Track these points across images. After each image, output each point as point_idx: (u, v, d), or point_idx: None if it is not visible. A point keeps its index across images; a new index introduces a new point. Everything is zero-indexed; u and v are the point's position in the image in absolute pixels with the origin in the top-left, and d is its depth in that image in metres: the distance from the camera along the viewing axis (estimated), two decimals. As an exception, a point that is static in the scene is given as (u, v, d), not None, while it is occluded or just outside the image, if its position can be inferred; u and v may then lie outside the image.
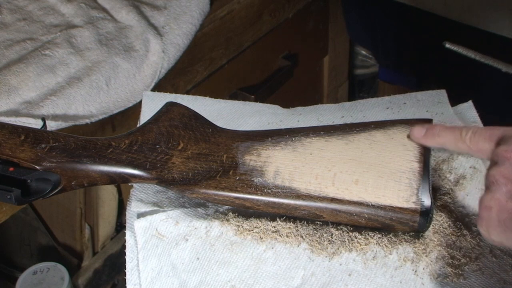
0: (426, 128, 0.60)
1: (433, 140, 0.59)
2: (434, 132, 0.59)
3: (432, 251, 0.59)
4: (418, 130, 0.60)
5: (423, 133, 0.60)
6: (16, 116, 0.81)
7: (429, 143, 0.60)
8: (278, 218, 0.61)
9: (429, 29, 1.24)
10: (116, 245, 1.13)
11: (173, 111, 0.63)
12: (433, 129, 0.59)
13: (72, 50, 0.91)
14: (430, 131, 0.59)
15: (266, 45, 1.22)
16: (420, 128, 0.60)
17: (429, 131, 0.59)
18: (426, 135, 0.59)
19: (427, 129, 0.59)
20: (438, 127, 0.59)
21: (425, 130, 0.59)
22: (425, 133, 0.59)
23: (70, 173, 0.58)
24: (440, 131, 0.58)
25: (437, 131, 0.59)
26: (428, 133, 0.59)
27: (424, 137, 0.59)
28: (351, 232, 0.60)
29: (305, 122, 0.75)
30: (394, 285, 0.57)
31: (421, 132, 0.60)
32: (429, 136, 0.59)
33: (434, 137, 0.59)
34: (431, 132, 0.59)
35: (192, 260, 0.59)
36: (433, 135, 0.59)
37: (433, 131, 0.59)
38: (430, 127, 0.60)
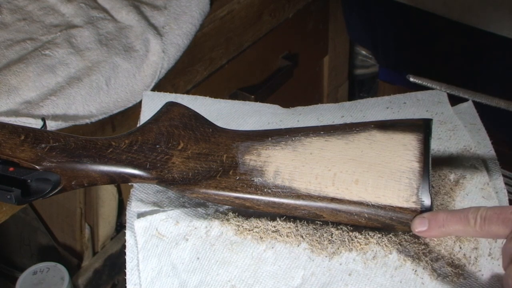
0: (428, 219, 0.55)
1: (439, 232, 0.55)
2: (439, 223, 0.55)
3: (432, 251, 0.59)
4: (419, 223, 0.56)
5: (426, 225, 0.56)
6: (16, 116, 0.81)
7: (435, 235, 0.56)
8: (278, 218, 0.61)
9: (429, 29, 1.24)
10: (116, 245, 1.13)
11: (173, 111, 0.63)
12: (437, 220, 0.55)
13: (72, 50, 0.91)
14: (434, 223, 0.55)
15: (266, 45, 1.22)
16: (420, 221, 0.56)
17: (432, 223, 0.55)
18: (430, 227, 0.55)
19: (430, 220, 0.55)
20: (441, 215, 0.55)
21: (427, 222, 0.55)
22: (428, 225, 0.55)
23: (70, 173, 0.58)
24: (445, 221, 0.55)
25: (441, 222, 0.55)
26: (432, 225, 0.55)
27: (429, 230, 0.55)
28: (351, 232, 0.60)
29: (305, 122, 0.75)
30: (394, 285, 0.57)
31: (424, 225, 0.56)
32: (433, 228, 0.55)
33: (440, 228, 0.55)
34: (436, 224, 0.55)
35: (192, 260, 0.59)
36: (438, 226, 0.55)
37: (437, 222, 0.55)
38: (432, 217, 0.55)
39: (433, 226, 0.55)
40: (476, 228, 0.53)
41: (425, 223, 0.56)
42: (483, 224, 0.53)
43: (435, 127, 0.71)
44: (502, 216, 0.52)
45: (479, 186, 0.65)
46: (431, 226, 0.55)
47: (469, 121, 0.73)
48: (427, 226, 0.56)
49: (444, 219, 0.55)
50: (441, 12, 1.16)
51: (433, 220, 0.55)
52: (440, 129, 0.72)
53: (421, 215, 0.56)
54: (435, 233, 0.56)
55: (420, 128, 0.61)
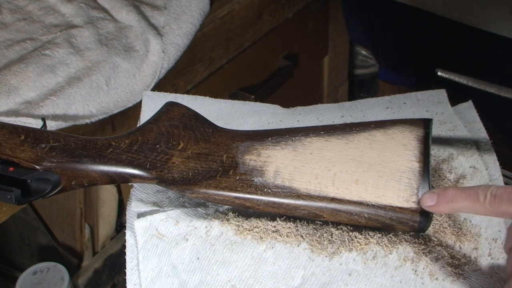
0: (437, 194, 0.56)
1: (447, 207, 0.55)
2: (448, 199, 0.55)
3: (432, 251, 0.59)
4: (429, 198, 0.56)
5: (434, 200, 0.56)
6: (16, 116, 0.81)
7: (443, 210, 0.56)
8: (278, 217, 0.61)
9: (429, 29, 1.24)
10: (116, 245, 1.13)
11: (173, 111, 0.63)
12: (446, 195, 0.55)
13: (72, 50, 0.91)
14: (443, 198, 0.55)
15: (266, 45, 1.22)
16: (430, 196, 0.56)
17: (441, 198, 0.55)
18: (438, 202, 0.55)
19: (439, 195, 0.55)
20: (450, 192, 0.55)
21: (436, 197, 0.55)
22: (437, 200, 0.55)
23: (70, 173, 0.58)
24: (454, 196, 0.54)
25: (450, 197, 0.54)
26: (441, 199, 0.55)
27: (437, 204, 0.55)
28: (351, 232, 0.60)
29: (305, 122, 0.75)
30: (394, 284, 0.57)
31: (432, 200, 0.56)
32: (441, 203, 0.55)
33: (448, 203, 0.55)
34: (444, 199, 0.55)
35: (192, 260, 0.59)
36: (447, 201, 0.55)
37: (446, 197, 0.55)
38: (441, 192, 0.55)
39: (442, 201, 0.55)
40: (486, 205, 0.52)
41: (433, 198, 0.56)
42: (493, 202, 0.52)
43: (435, 127, 0.71)
44: None
45: (479, 186, 0.65)
46: (439, 201, 0.55)
47: (469, 121, 0.73)
48: (435, 201, 0.55)
49: (453, 195, 0.55)
50: (441, 12, 1.16)
51: (442, 195, 0.55)
52: (440, 129, 0.72)
53: (430, 191, 0.56)
54: (443, 209, 0.56)
55: (420, 128, 0.61)
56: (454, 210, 0.55)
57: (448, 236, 0.60)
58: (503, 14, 1.07)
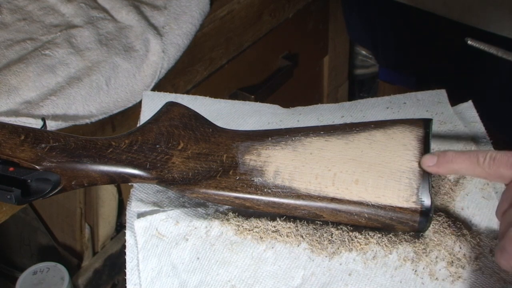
0: (437, 155, 0.57)
1: (446, 168, 0.56)
2: (447, 159, 0.56)
3: (432, 251, 0.59)
4: (429, 159, 0.57)
5: (434, 161, 0.57)
6: (16, 116, 0.81)
7: (441, 171, 0.57)
8: (278, 217, 0.61)
9: (429, 29, 1.24)
10: (116, 245, 1.13)
11: (173, 111, 0.63)
12: (446, 156, 0.56)
13: (72, 50, 0.91)
14: (443, 159, 0.56)
15: (266, 45, 1.22)
16: (430, 157, 0.57)
17: (441, 158, 0.56)
18: (438, 163, 0.57)
19: (439, 156, 0.57)
20: (450, 153, 0.56)
21: (436, 158, 0.57)
22: (437, 160, 0.57)
23: (70, 173, 0.58)
24: (454, 157, 0.56)
25: (450, 158, 0.56)
26: (441, 160, 0.56)
27: (437, 165, 0.57)
28: (351, 232, 0.60)
29: (305, 122, 0.75)
30: (394, 284, 0.57)
31: (433, 160, 0.57)
32: (441, 163, 0.56)
33: (448, 164, 0.56)
34: (444, 160, 0.56)
35: (192, 260, 0.59)
36: (446, 162, 0.56)
37: (446, 158, 0.56)
38: (442, 154, 0.57)
39: (441, 162, 0.56)
40: (484, 167, 0.54)
41: (434, 159, 0.57)
42: (492, 164, 0.53)
43: (435, 127, 0.71)
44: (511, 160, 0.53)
45: (479, 186, 0.65)
46: (439, 162, 0.57)
47: (469, 121, 0.73)
48: (435, 162, 0.57)
49: (453, 156, 0.56)
50: (441, 12, 1.16)
51: (442, 157, 0.56)
52: (440, 129, 0.72)
53: (431, 153, 0.58)
54: (442, 170, 0.57)
55: (420, 128, 0.61)
56: (453, 171, 0.56)
57: (448, 236, 0.60)
58: (503, 14, 1.07)
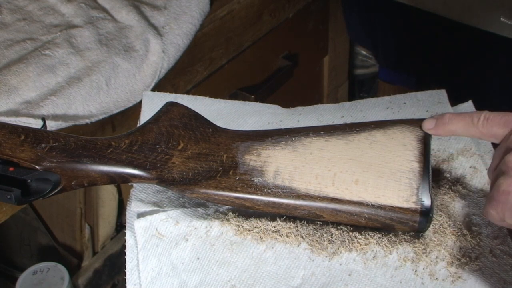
0: (436, 119, 0.60)
1: (443, 129, 0.59)
2: (444, 121, 0.59)
3: (432, 251, 0.59)
4: (429, 122, 0.61)
5: (433, 123, 0.60)
6: (16, 116, 0.81)
7: (440, 132, 0.60)
8: (278, 218, 0.61)
9: (429, 29, 1.24)
10: (116, 245, 1.13)
11: (173, 111, 0.63)
12: (443, 118, 0.59)
13: (72, 50, 0.91)
14: (440, 121, 0.59)
15: (266, 45, 1.22)
16: (430, 120, 0.61)
17: (439, 121, 0.60)
18: (436, 125, 0.60)
19: (437, 119, 0.60)
20: (447, 115, 0.59)
21: (435, 121, 0.60)
22: (435, 123, 0.60)
23: (70, 173, 0.58)
24: (450, 119, 0.59)
25: (446, 119, 0.59)
26: (439, 122, 0.60)
27: (435, 127, 0.60)
28: (351, 232, 0.60)
29: (305, 122, 0.75)
30: (394, 285, 0.57)
31: (432, 123, 0.60)
32: (439, 125, 0.60)
33: (445, 125, 0.59)
34: (441, 121, 0.59)
35: (192, 260, 0.59)
36: (443, 123, 0.59)
37: (443, 120, 0.59)
38: (440, 116, 0.60)
39: (439, 124, 0.59)
40: (478, 126, 0.56)
41: (432, 122, 0.60)
42: (485, 123, 0.56)
43: (435, 127, 0.71)
44: (504, 119, 0.56)
45: (479, 186, 0.65)
46: (437, 124, 0.60)
47: (469, 121, 0.73)
48: (434, 124, 0.60)
49: (449, 118, 0.59)
50: (441, 12, 1.16)
51: (440, 119, 0.60)
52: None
53: (431, 116, 0.61)
54: (441, 131, 0.60)
55: (420, 128, 0.61)
56: (450, 132, 0.59)
57: (448, 236, 0.60)
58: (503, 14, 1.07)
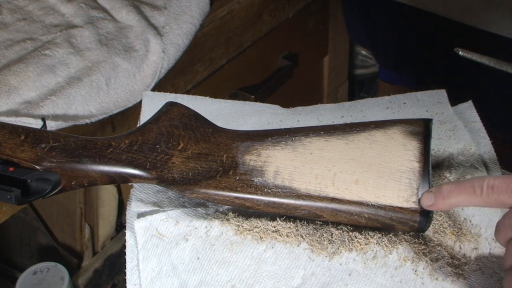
0: (434, 193, 0.56)
1: (444, 203, 0.55)
2: (443, 195, 0.55)
3: (432, 251, 0.59)
4: (426, 198, 0.57)
5: (432, 199, 0.56)
6: (16, 116, 0.81)
7: (441, 207, 0.56)
8: (278, 218, 0.61)
9: (429, 29, 1.24)
10: (116, 245, 1.13)
11: (173, 111, 0.63)
12: (441, 192, 0.55)
13: (72, 50, 0.91)
14: (439, 195, 0.56)
15: (266, 45, 1.22)
16: (427, 195, 0.57)
17: (437, 196, 0.56)
18: (436, 200, 0.56)
19: (435, 193, 0.56)
20: (444, 187, 0.55)
21: (433, 196, 0.56)
22: (434, 199, 0.56)
23: (70, 173, 0.58)
24: (449, 192, 0.55)
25: (445, 194, 0.55)
26: (438, 197, 0.56)
27: (435, 204, 0.56)
28: (351, 232, 0.60)
29: (305, 122, 0.75)
30: (394, 284, 0.57)
31: (430, 199, 0.56)
32: (439, 200, 0.56)
33: (445, 199, 0.55)
34: (440, 196, 0.55)
35: (192, 260, 0.59)
36: (443, 198, 0.55)
37: (442, 194, 0.55)
38: (437, 191, 0.56)
39: (438, 199, 0.56)
40: (483, 197, 0.53)
41: (431, 198, 0.56)
42: (491, 193, 0.52)
43: (435, 127, 0.71)
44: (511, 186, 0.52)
45: (479, 186, 0.65)
46: (436, 199, 0.56)
47: (469, 121, 0.73)
48: (433, 201, 0.56)
49: (447, 191, 0.55)
50: (441, 12, 1.16)
51: (438, 193, 0.56)
52: (440, 129, 0.72)
53: (428, 190, 0.57)
54: (441, 206, 0.56)
55: (420, 128, 0.61)
56: (452, 205, 0.56)
57: (448, 236, 0.60)
58: (503, 14, 1.07)
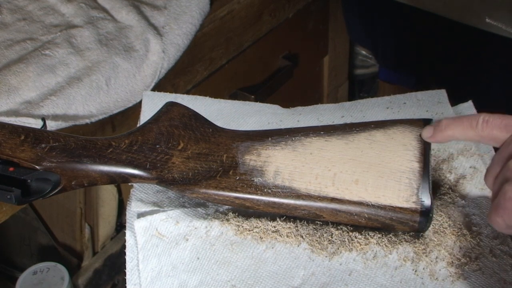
0: (433, 126, 0.59)
1: (442, 135, 0.58)
2: (441, 127, 0.58)
3: (432, 251, 0.59)
4: (427, 131, 0.60)
5: (431, 131, 0.59)
6: (16, 116, 0.81)
7: (439, 139, 0.59)
8: (278, 218, 0.61)
9: (429, 29, 1.24)
10: (116, 245, 1.13)
11: (173, 111, 0.63)
12: (440, 124, 0.58)
13: (72, 50, 0.91)
14: (438, 127, 0.59)
15: (266, 45, 1.22)
16: (428, 128, 0.60)
17: (436, 128, 0.59)
18: (434, 132, 0.59)
19: (435, 126, 0.59)
20: (444, 120, 0.58)
21: (433, 128, 0.59)
22: (433, 130, 0.59)
23: (70, 173, 0.58)
24: (447, 124, 0.58)
25: (443, 125, 0.58)
26: (436, 129, 0.59)
27: (433, 135, 0.59)
28: (351, 232, 0.60)
29: (305, 122, 0.75)
30: (394, 284, 0.57)
31: (430, 131, 0.59)
32: (437, 132, 0.59)
33: (442, 131, 0.58)
34: (439, 128, 0.58)
35: (192, 260, 0.59)
36: (441, 130, 0.58)
37: (440, 126, 0.58)
38: (437, 123, 0.59)
39: (437, 131, 0.58)
40: (478, 129, 0.55)
41: (430, 130, 0.59)
42: (485, 127, 0.55)
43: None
44: (505, 122, 0.54)
45: (479, 186, 0.65)
46: (435, 131, 0.59)
47: (469, 121, 0.73)
48: (432, 132, 0.59)
49: (446, 123, 0.58)
50: (441, 12, 1.16)
51: (437, 125, 0.59)
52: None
53: (430, 124, 0.60)
54: (439, 137, 0.59)
55: (420, 128, 0.61)
56: (448, 137, 0.58)
57: (448, 236, 0.60)
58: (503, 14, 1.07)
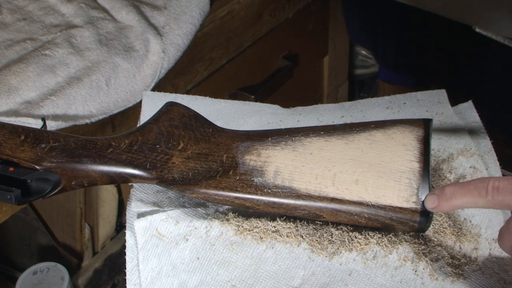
0: (437, 195, 0.56)
1: (448, 205, 0.55)
2: (446, 197, 0.55)
3: (432, 251, 0.59)
4: (429, 200, 0.56)
5: (436, 201, 0.56)
6: (16, 116, 0.81)
7: (446, 209, 0.56)
8: (278, 218, 0.61)
9: (429, 29, 1.24)
10: (116, 245, 1.13)
11: (173, 111, 0.63)
12: (445, 194, 0.55)
13: (72, 50, 0.91)
14: (442, 197, 0.55)
15: (266, 45, 1.22)
16: (430, 198, 0.56)
17: (440, 197, 0.55)
18: (439, 203, 0.56)
19: (438, 195, 0.55)
20: (447, 188, 0.55)
21: (437, 198, 0.56)
22: (437, 200, 0.56)
23: (70, 173, 0.58)
24: (453, 194, 0.54)
25: (449, 195, 0.55)
26: (441, 199, 0.55)
27: (438, 205, 0.56)
28: (351, 232, 0.60)
29: (305, 122, 0.75)
30: (394, 284, 0.57)
31: (434, 201, 0.56)
32: (442, 202, 0.55)
33: (448, 201, 0.55)
34: (444, 198, 0.55)
35: (192, 260, 0.59)
36: (447, 200, 0.55)
37: (445, 196, 0.55)
38: (440, 192, 0.55)
39: (441, 201, 0.55)
40: (488, 198, 0.52)
41: (434, 200, 0.56)
42: (496, 194, 0.52)
43: (435, 128, 0.71)
44: None
45: (479, 186, 0.65)
46: (440, 201, 0.55)
47: (469, 121, 0.73)
48: (436, 202, 0.56)
49: (451, 193, 0.55)
50: (441, 12, 1.16)
51: (441, 195, 0.55)
52: (440, 129, 0.72)
53: (431, 192, 0.57)
54: (444, 208, 0.55)
55: (420, 128, 0.61)
56: (456, 207, 0.55)
57: (448, 236, 0.60)
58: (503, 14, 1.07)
